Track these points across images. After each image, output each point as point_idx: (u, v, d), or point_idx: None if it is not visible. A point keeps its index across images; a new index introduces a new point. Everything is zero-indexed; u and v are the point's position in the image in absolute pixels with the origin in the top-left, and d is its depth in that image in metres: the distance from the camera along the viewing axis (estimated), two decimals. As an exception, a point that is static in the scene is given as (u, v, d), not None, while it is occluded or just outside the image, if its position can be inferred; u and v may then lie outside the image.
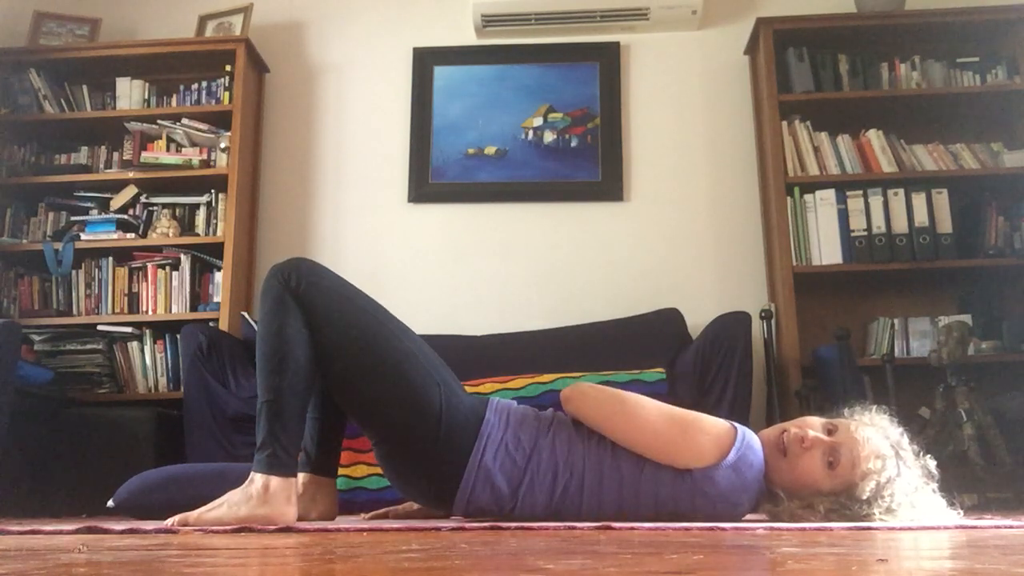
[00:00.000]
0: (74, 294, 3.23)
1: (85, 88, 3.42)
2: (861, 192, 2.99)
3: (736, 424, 1.50)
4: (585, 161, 3.33)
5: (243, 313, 3.04)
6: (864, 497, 1.41)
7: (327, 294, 1.57)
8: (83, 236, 3.21)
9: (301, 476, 1.65)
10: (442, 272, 3.29)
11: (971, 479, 2.38)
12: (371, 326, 1.57)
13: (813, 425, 1.51)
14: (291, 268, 1.57)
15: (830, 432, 1.49)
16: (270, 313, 1.55)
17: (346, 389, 1.60)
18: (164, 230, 3.20)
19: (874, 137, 3.08)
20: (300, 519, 1.56)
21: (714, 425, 1.48)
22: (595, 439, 1.53)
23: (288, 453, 1.52)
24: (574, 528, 1.27)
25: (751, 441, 1.47)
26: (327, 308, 1.56)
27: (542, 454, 1.53)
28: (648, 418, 1.49)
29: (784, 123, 3.09)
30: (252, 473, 1.51)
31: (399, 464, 1.60)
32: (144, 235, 3.24)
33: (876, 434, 1.48)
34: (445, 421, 1.52)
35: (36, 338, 3.04)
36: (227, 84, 3.31)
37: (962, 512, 1.49)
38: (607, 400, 1.54)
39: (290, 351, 1.52)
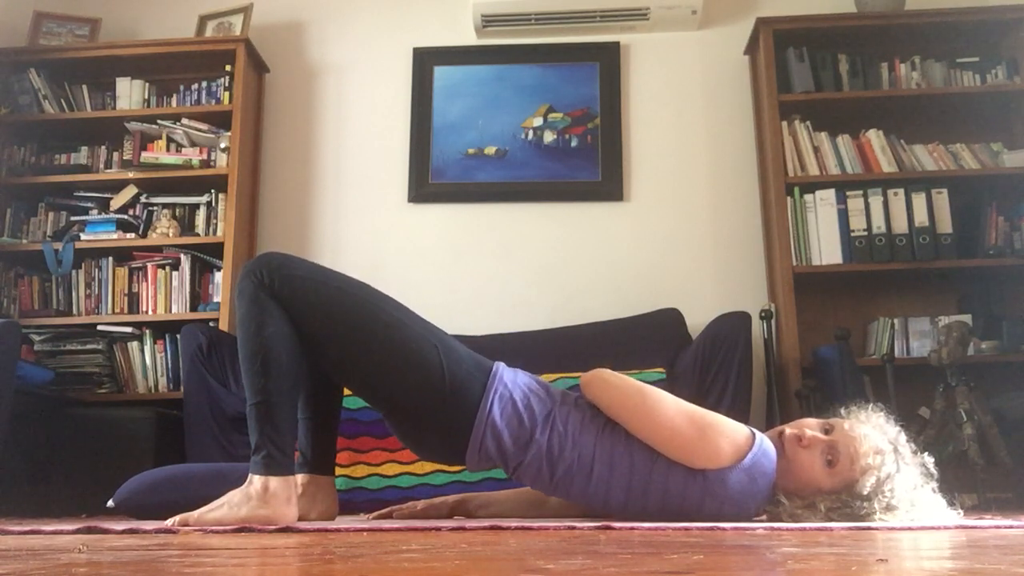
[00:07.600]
0: (74, 294, 3.22)
1: (85, 88, 3.42)
2: (861, 192, 2.99)
3: (755, 431, 1.50)
4: (585, 161, 3.33)
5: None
6: (865, 493, 1.41)
7: (303, 284, 1.57)
8: (83, 236, 3.21)
9: (300, 477, 1.65)
10: (442, 272, 3.29)
11: (971, 479, 2.38)
12: (354, 305, 1.57)
13: (810, 425, 1.52)
14: (262, 266, 1.56)
15: (827, 431, 1.50)
16: (247, 315, 1.54)
17: (345, 370, 1.61)
18: (164, 230, 3.20)
19: (874, 137, 3.08)
20: (300, 519, 1.56)
21: (733, 428, 1.48)
22: (610, 427, 1.53)
23: (283, 453, 1.52)
24: (574, 528, 1.27)
25: (767, 449, 1.47)
26: (306, 298, 1.56)
27: (553, 426, 1.53)
28: (667, 415, 1.48)
29: (784, 123, 3.09)
30: (250, 475, 1.51)
31: (412, 428, 1.60)
32: (144, 235, 3.24)
33: (873, 431, 1.49)
34: (449, 378, 1.53)
35: (36, 338, 3.04)
36: (227, 84, 3.31)
37: (962, 512, 1.49)
38: (627, 391, 1.53)
39: (272, 351, 1.52)
